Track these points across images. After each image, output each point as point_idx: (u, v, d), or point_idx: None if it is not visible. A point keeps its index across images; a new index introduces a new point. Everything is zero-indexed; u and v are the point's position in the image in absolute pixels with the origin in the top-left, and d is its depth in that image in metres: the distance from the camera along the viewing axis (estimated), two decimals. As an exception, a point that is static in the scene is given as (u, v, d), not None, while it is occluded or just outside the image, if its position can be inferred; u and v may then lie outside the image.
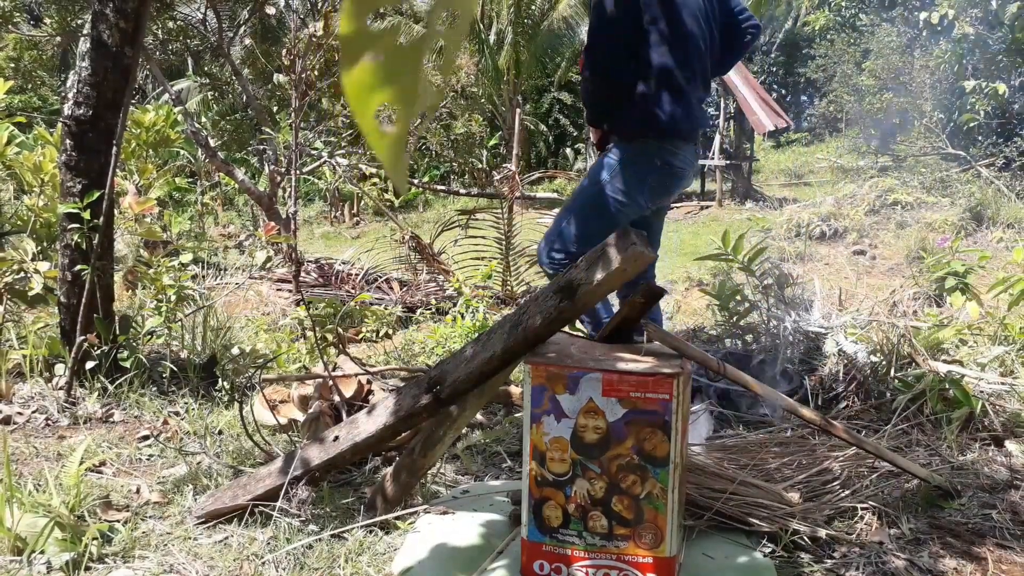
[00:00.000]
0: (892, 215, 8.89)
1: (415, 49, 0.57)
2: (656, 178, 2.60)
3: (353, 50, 0.56)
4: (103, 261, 2.96)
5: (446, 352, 3.60)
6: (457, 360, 1.88)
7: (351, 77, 0.56)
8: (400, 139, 0.58)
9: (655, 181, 2.60)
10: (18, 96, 12.12)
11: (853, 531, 1.95)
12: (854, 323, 3.18)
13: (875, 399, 2.82)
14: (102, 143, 2.90)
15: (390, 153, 0.59)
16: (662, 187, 2.65)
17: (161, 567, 1.77)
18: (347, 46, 0.56)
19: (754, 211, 11.42)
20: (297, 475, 1.97)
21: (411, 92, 0.57)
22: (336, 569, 1.76)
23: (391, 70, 0.56)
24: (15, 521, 1.78)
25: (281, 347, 3.39)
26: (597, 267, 1.68)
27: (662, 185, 2.64)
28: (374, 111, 0.57)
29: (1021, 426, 2.59)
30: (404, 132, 0.58)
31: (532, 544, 1.69)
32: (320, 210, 14.34)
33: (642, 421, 1.60)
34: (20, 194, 4.52)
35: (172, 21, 7.19)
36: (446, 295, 5.14)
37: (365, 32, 0.56)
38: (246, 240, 8.33)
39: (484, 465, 2.45)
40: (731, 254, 3.43)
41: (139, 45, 2.92)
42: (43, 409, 2.76)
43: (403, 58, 0.56)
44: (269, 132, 5.44)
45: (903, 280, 5.45)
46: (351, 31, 0.55)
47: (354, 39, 0.56)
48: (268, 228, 3.99)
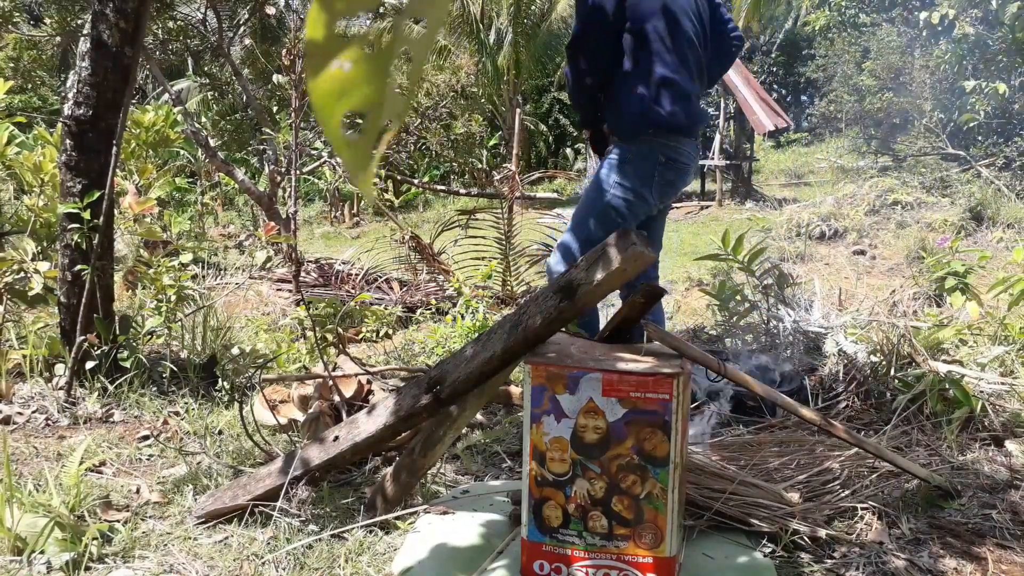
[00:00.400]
0: (892, 215, 8.89)
1: (382, 57, 0.56)
2: (661, 173, 2.59)
3: (319, 57, 0.56)
4: (103, 261, 2.96)
5: (446, 352, 3.60)
6: (457, 360, 1.88)
7: (317, 84, 0.56)
8: (367, 148, 0.58)
9: (660, 177, 2.59)
10: (18, 96, 12.12)
11: (853, 531, 1.95)
12: (854, 323, 3.18)
13: (875, 399, 2.82)
14: (102, 143, 2.90)
15: (355, 161, 0.58)
16: (668, 183, 2.64)
17: (161, 567, 1.77)
18: (313, 53, 0.56)
19: (754, 211, 11.42)
20: (297, 475, 1.97)
21: (377, 100, 0.57)
22: (336, 569, 1.76)
23: (357, 78, 0.56)
24: (15, 521, 1.78)
25: (281, 347, 3.39)
26: (597, 267, 1.68)
27: (667, 181, 2.63)
28: (339, 119, 0.57)
29: (1021, 426, 2.59)
30: (370, 140, 0.58)
31: (532, 544, 1.69)
32: (320, 210, 14.34)
33: (642, 421, 1.60)
34: (20, 194, 4.52)
35: (172, 21, 7.19)
36: (446, 295, 5.14)
37: (332, 39, 0.56)
38: (246, 240, 8.33)
39: (484, 465, 2.45)
40: (731, 254, 3.43)
41: (139, 45, 2.92)
42: (43, 409, 2.76)
43: (370, 66, 0.56)
44: (269, 132, 5.44)
45: (903, 280, 5.45)
46: (318, 37, 0.55)
47: (321, 46, 0.56)
48: (268, 228, 3.99)
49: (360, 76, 0.56)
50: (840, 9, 13.13)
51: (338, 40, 0.56)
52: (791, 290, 3.34)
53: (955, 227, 7.85)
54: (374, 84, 0.57)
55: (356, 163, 0.59)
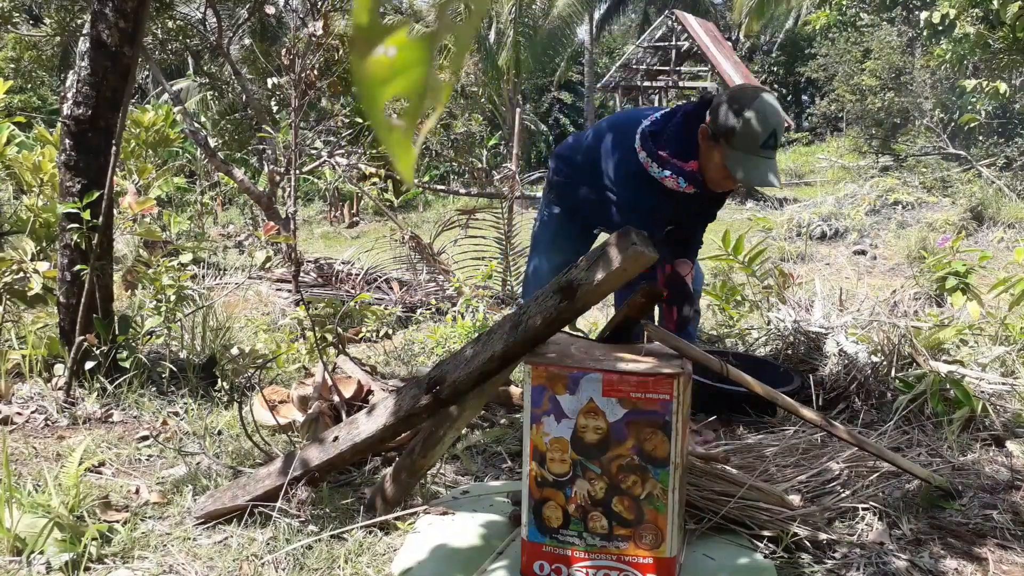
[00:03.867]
0: (893, 215, 8.90)
1: (426, 43, 0.57)
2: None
3: (366, 43, 0.56)
4: (102, 261, 2.96)
5: (446, 352, 3.59)
6: (457, 360, 1.88)
7: (363, 70, 0.56)
8: (409, 133, 0.58)
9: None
10: (17, 96, 12.12)
11: (854, 532, 1.95)
12: (855, 323, 3.18)
13: (876, 399, 2.81)
14: (101, 143, 2.89)
15: (399, 147, 0.59)
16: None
17: (160, 567, 1.77)
18: (360, 39, 0.56)
19: (755, 211, 11.41)
20: (296, 476, 1.97)
21: (421, 86, 0.57)
22: (336, 570, 1.76)
23: (402, 64, 0.57)
24: (14, 521, 1.77)
25: (280, 347, 3.39)
26: (598, 267, 1.68)
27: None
28: (384, 105, 0.57)
29: (1022, 426, 2.58)
30: (413, 126, 0.58)
31: (532, 545, 1.69)
32: (320, 210, 14.33)
33: (642, 421, 1.59)
34: (19, 194, 4.52)
35: (171, 20, 7.18)
36: (446, 295, 5.13)
37: (378, 25, 0.56)
38: (246, 240, 8.32)
39: (484, 466, 2.45)
40: (731, 254, 3.42)
41: (138, 44, 2.92)
42: (42, 409, 2.76)
43: (414, 52, 0.56)
44: (269, 132, 5.43)
45: (904, 280, 5.45)
46: (365, 23, 0.55)
47: (367, 32, 0.56)
48: (267, 228, 3.99)
49: (405, 62, 0.57)
50: (841, 8, 13.13)
51: (383, 26, 0.56)
52: (791, 290, 3.33)
53: (956, 227, 7.85)
54: (418, 70, 0.57)
55: (399, 148, 0.59)
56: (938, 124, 11.64)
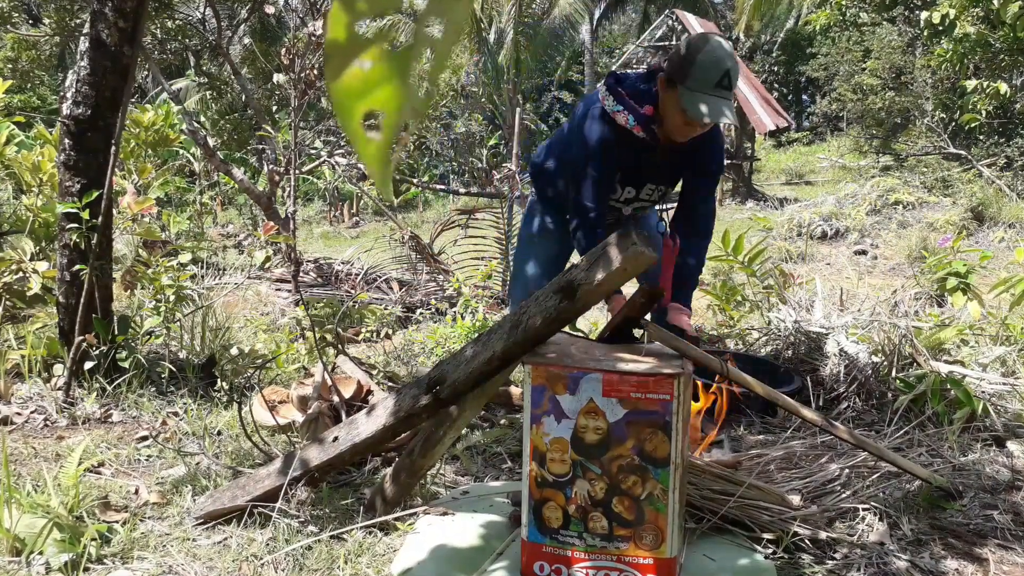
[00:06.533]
0: (893, 215, 8.89)
1: (404, 56, 0.56)
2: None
3: (341, 57, 0.55)
4: (102, 261, 2.95)
5: (446, 352, 3.59)
6: (457, 360, 1.88)
7: (339, 83, 0.56)
8: (386, 146, 0.58)
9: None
10: (17, 95, 12.11)
11: (854, 532, 1.94)
12: (855, 323, 3.17)
13: (876, 400, 2.81)
14: (101, 142, 2.89)
15: (376, 159, 0.58)
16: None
17: (160, 568, 1.76)
18: (334, 53, 0.55)
19: (755, 211, 11.41)
20: (296, 476, 1.97)
21: (398, 100, 0.57)
22: (335, 570, 1.76)
23: (377, 77, 0.56)
24: (14, 522, 1.77)
25: (280, 347, 3.38)
26: (598, 267, 1.67)
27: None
28: (360, 117, 0.57)
29: (1023, 426, 2.58)
30: (390, 139, 0.58)
31: (532, 545, 1.68)
32: (319, 210, 14.32)
33: (643, 422, 1.59)
34: (19, 194, 4.51)
35: (171, 20, 7.18)
36: (446, 295, 5.13)
37: (354, 38, 0.55)
38: (245, 240, 8.31)
39: (484, 466, 2.44)
40: (731, 254, 3.42)
41: (138, 44, 2.91)
42: (41, 409, 2.75)
43: (391, 65, 0.56)
44: (268, 131, 5.42)
45: (904, 280, 5.44)
46: (340, 38, 0.55)
47: (343, 45, 0.55)
48: (267, 228, 3.98)
49: (381, 75, 0.56)
50: (841, 8, 13.11)
51: (359, 40, 0.56)
52: (792, 290, 3.33)
53: (956, 227, 7.85)
54: (394, 83, 0.57)
55: (375, 161, 0.59)
56: (939, 124, 11.63)
